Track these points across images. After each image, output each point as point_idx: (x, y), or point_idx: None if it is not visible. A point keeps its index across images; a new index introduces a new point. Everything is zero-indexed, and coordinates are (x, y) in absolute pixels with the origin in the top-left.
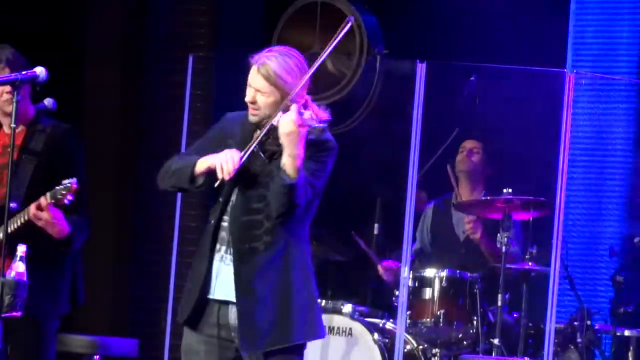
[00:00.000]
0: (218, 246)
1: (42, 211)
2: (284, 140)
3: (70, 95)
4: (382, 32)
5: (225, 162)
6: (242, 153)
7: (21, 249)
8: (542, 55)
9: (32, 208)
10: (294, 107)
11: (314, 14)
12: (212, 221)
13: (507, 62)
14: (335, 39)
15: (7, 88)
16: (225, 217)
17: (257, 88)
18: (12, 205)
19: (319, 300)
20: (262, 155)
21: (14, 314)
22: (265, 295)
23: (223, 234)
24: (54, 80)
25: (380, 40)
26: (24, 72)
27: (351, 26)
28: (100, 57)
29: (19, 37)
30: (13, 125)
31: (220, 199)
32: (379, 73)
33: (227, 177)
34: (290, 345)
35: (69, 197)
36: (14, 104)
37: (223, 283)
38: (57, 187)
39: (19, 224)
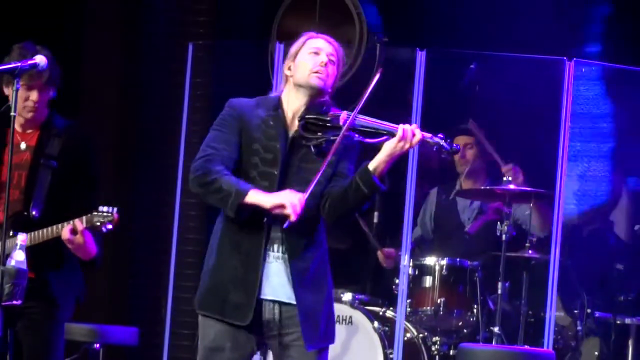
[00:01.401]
0: (270, 245)
1: (76, 235)
2: (393, 148)
3: (69, 83)
4: (382, 20)
5: (294, 204)
6: (305, 194)
7: (21, 238)
8: (542, 42)
9: (67, 232)
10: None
11: (314, 2)
12: (264, 219)
13: (507, 49)
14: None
15: (35, 97)
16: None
17: (331, 53)
18: (34, 213)
19: None
20: (313, 149)
21: (14, 302)
22: (319, 293)
23: (274, 234)
24: None
25: (380, 28)
26: (23, 61)
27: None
28: (100, 45)
29: (16, 25)
30: (13, 113)
31: None
32: (378, 61)
33: (294, 219)
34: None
35: (108, 226)
36: (13, 92)
37: (274, 282)
38: (95, 213)
39: (46, 237)
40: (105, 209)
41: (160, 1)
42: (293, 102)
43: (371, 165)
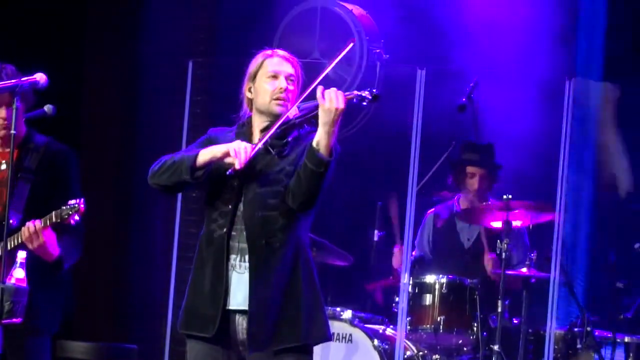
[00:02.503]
0: (240, 257)
1: (36, 235)
2: (325, 116)
3: (70, 101)
4: (382, 38)
5: (238, 150)
6: (254, 145)
7: (21, 256)
8: (543, 61)
9: (26, 231)
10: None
11: (314, 19)
12: (224, 230)
13: (508, 68)
14: (338, 56)
15: (3, 113)
16: (236, 227)
17: (290, 74)
18: (11, 222)
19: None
20: (272, 151)
21: (14, 320)
22: (277, 295)
23: (233, 244)
24: (53, 87)
25: (380, 46)
26: (23, 79)
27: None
28: (99, 63)
29: (19, 41)
30: (13, 131)
31: (229, 206)
32: (378, 79)
33: (238, 167)
34: (299, 345)
35: (76, 218)
36: (14, 110)
37: (239, 292)
38: (64, 207)
39: (15, 243)
40: (72, 201)
41: (160, 19)
42: (258, 123)
43: (314, 142)
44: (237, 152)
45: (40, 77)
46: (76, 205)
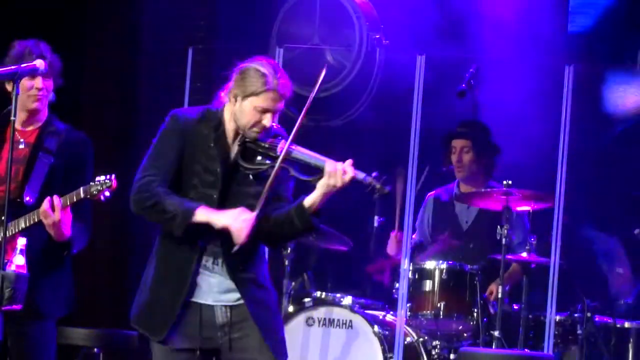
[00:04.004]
0: (206, 258)
1: (54, 211)
2: (327, 187)
3: (69, 87)
4: (381, 24)
5: (240, 228)
6: (254, 213)
7: (21, 242)
8: (542, 46)
9: (46, 204)
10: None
11: (314, 5)
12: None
13: (507, 53)
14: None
15: (39, 84)
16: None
17: (278, 109)
18: (28, 199)
19: (317, 292)
20: (251, 177)
21: (14, 306)
22: (268, 300)
23: (211, 248)
24: None
25: (379, 32)
26: (23, 65)
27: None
28: (99, 49)
29: (18, 28)
30: (13, 118)
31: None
32: (378, 65)
33: (242, 242)
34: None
35: (106, 194)
36: (14, 97)
37: (208, 288)
38: (93, 183)
39: (33, 221)
40: (102, 177)
41: (159, 5)
42: (233, 125)
43: (307, 202)
44: (239, 233)
45: (39, 63)
46: (108, 181)
